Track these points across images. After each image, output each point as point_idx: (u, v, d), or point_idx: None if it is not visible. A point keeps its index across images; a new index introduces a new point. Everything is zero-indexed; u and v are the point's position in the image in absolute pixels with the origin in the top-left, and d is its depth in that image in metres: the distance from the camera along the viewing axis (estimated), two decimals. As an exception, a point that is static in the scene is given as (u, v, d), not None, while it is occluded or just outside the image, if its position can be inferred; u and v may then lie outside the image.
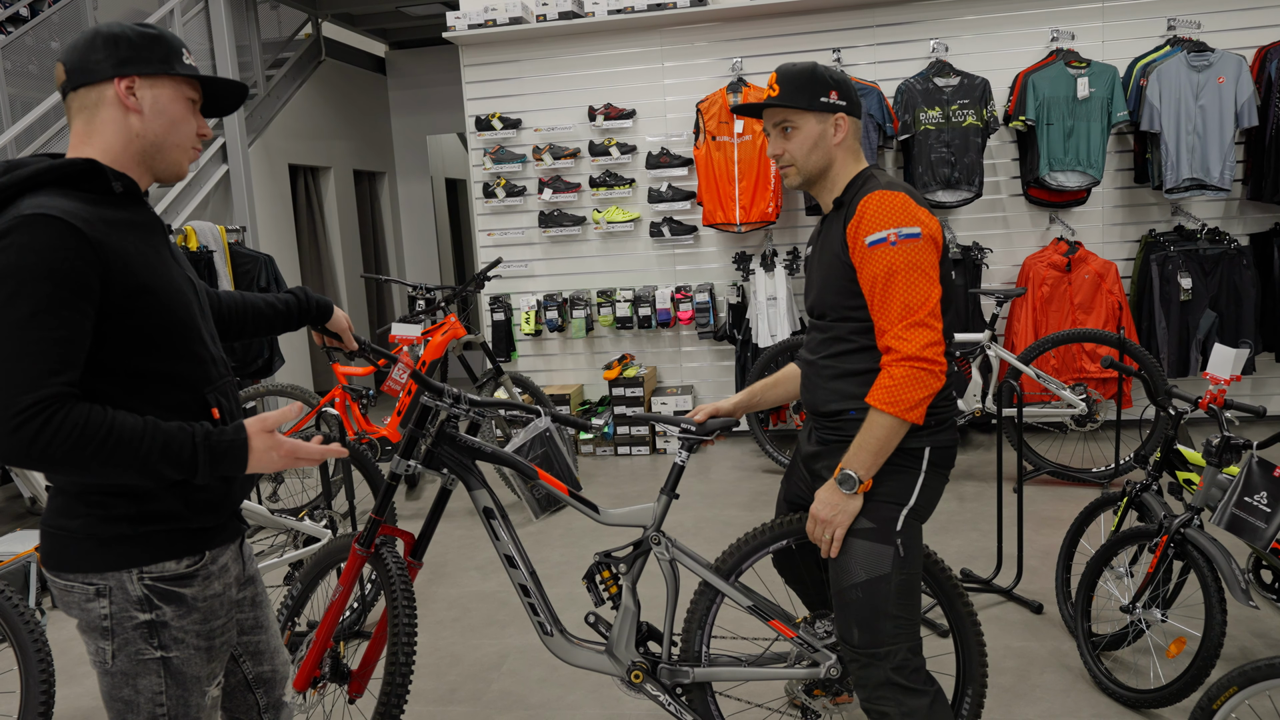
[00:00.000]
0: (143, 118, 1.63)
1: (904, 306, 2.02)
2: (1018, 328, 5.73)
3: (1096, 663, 3.01)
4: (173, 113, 1.66)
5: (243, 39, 7.46)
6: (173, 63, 1.66)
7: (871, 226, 2.04)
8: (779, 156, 2.19)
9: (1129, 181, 5.87)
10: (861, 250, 2.05)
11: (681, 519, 4.87)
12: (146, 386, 1.61)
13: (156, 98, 1.64)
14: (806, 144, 2.15)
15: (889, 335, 2.04)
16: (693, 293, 6.26)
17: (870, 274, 2.05)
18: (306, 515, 3.54)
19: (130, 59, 1.62)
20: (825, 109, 2.12)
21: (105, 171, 1.58)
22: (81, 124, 1.63)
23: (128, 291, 1.55)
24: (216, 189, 6.95)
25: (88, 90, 1.62)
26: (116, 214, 1.59)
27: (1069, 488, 4.94)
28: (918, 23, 5.94)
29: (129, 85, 1.62)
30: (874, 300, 2.06)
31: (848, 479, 2.06)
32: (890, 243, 2.02)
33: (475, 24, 6.22)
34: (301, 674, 2.52)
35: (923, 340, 2.01)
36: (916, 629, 2.12)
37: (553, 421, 2.66)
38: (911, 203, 2.07)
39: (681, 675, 2.45)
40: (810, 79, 2.13)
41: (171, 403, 1.64)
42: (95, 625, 1.64)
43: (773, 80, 2.17)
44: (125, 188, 1.61)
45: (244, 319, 2.13)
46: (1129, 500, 3.10)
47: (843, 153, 2.17)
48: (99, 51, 1.61)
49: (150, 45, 1.64)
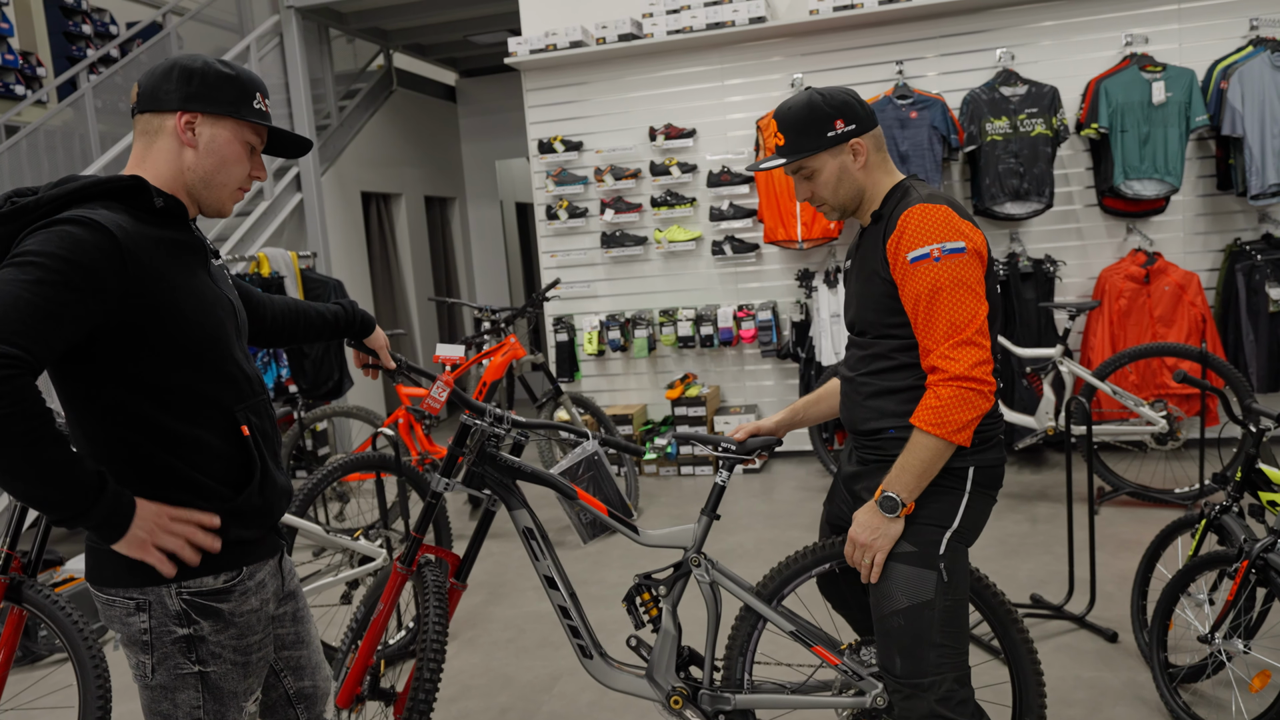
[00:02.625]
0: (196, 153, 1.68)
1: (950, 325, 1.93)
2: (1094, 342, 5.51)
3: (1174, 696, 2.84)
4: (226, 153, 1.70)
5: (316, 72, 7.71)
6: (240, 106, 1.69)
7: (914, 242, 1.96)
8: (809, 200, 2.13)
9: (1211, 189, 5.60)
10: (904, 266, 1.97)
11: (742, 540, 4.79)
12: (176, 402, 1.64)
13: (214, 136, 1.68)
14: (831, 182, 2.08)
15: (935, 355, 1.95)
16: (755, 311, 6.19)
17: (914, 291, 1.96)
18: (362, 535, 3.58)
19: (198, 95, 1.66)
20: (836, 141, 2.05)
21: (149, 189, 1.62)
22: (141, 146, 1.69)
23: (155, 306, 1.58)
24: (291, 217, 7.17)
25: (153, 116, 1.67)
26: (159, 232, 1.63)
27: (1150, 509, 4.71)
28: (984, 32, 5.80)
29: (189, 120, 1.66)
30: (918, 318, 1.98)
31: (889, 501, 1.98)
32: (934, 258, 1.94)
33: (536, 49, 6.30)
34: (344, 691, 2.53)
35: (971, 359, 1.92)
36: (963, 658, 2.03)
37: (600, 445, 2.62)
38: (954, 215, 1.98)
39: (723, 702, 2.38)
40: (810, 117, 2.04)
41: (201, 419, 1.67)
42: (136, 639, 1.67)
43: (774, 129, 2.10)
44: (168, 205, 1.65)
45: (295, 325, 2.19)
46: (1207, 523, 2.93)
47: (870, 171, 2.09)
48: (172, 82, 1.66)
49: (222, 85, 1.68)
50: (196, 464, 1.65)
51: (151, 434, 1.62)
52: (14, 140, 6.91)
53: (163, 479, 1.63)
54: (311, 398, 6.07)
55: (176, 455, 1.63)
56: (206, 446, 1.67)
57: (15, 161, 6.92)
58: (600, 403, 6.59)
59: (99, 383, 1.59)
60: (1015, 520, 4.73)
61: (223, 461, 1.69)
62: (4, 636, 2.74)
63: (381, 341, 2.38)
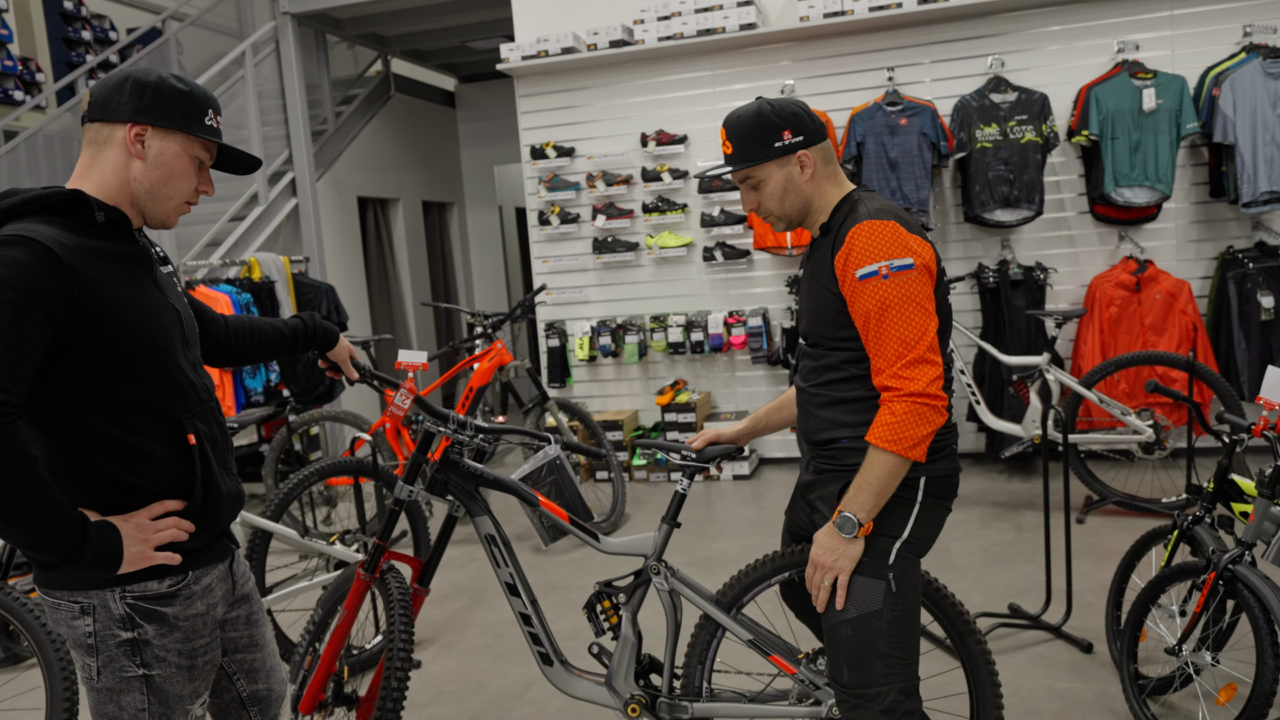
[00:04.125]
0: (144, 165, 1.68)
1: (901, 342, 1.92)
2: (1085, 350, 5.49)
3: (1142, 708, 2.82)
4: (173, 167, 1.71)
5: (313, 78, 7.74)
6: (190, 121, 1.70)
7: (862, 259, 1.94)
8: (755, 210, 2.12)
9: (1204, 196, 5.58)
10: (852, 284, 1.95)
11: (725, 547, 4.78)
12: (121, 412, 1.64)
13: (163, 150, 1.69)
14: (777, 193, 2.07)
15: (887, 374, 1.94)
16: (746, 317, 6.18)
17: (863, 309, 1.95)
18: (338, 540, 3.59)
19: (149, 109, 1.66)
20: (784, 152, 2.04)
21: (90, 202, 1.62)
22: (88, 156, 1.69)
23: (98, 318, 1.59)
24: (286, 222, 7.19)
25: (103, 126, 1.68)
26: (99, 244, 1.63)
27: (1137, 519, 4.68)
28: (975, 39, 5.79)
29: (139, 133, 1.67)
30: (868, 336, 1.96)
31: (847, 522, 1.96)
32: (882, 276, 1.92)
33: (529, 55, 6.32)
34: (307, 698, 2.54)
35: (926, 377, 1.91)
36: (912, 669, 2.02)
37: (562, 449, 2.63)
38: (903, 231, 1.97)
39: (680, 710, 2.38)
40: (758, 127, 2.03)
41: (146, 428, 1.67)
42: (81, 642, 1.69)
43: (724, 136, 2.09)
44: (109, 219, 1.65)
45: (250, 343, 2.18)
46: (1179, 533, 2.91)
47: (818, 184, 2.08)
48: (125, 94, 1.66)
49: (175, 99, 1.68)
50: (141, 472, 1.66)
51: (96, 444, 1.63)
52: (12, 145, 6.96)
53: (109, 488, 1.64)
54: (303, 402, 6.09)
55: (121, 465, 1.65)
56: (152, 456, 1.68)
57: (14, 166, 6.98)
58: (592, 408, 6.59)
59: (43, 395, 1.59)
60: (1000, 529, 4.71)
61: (169, 470, 1.70)
62: (-27, 639, 2.75)
63: (344, 354, 2.37)
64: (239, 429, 3.28)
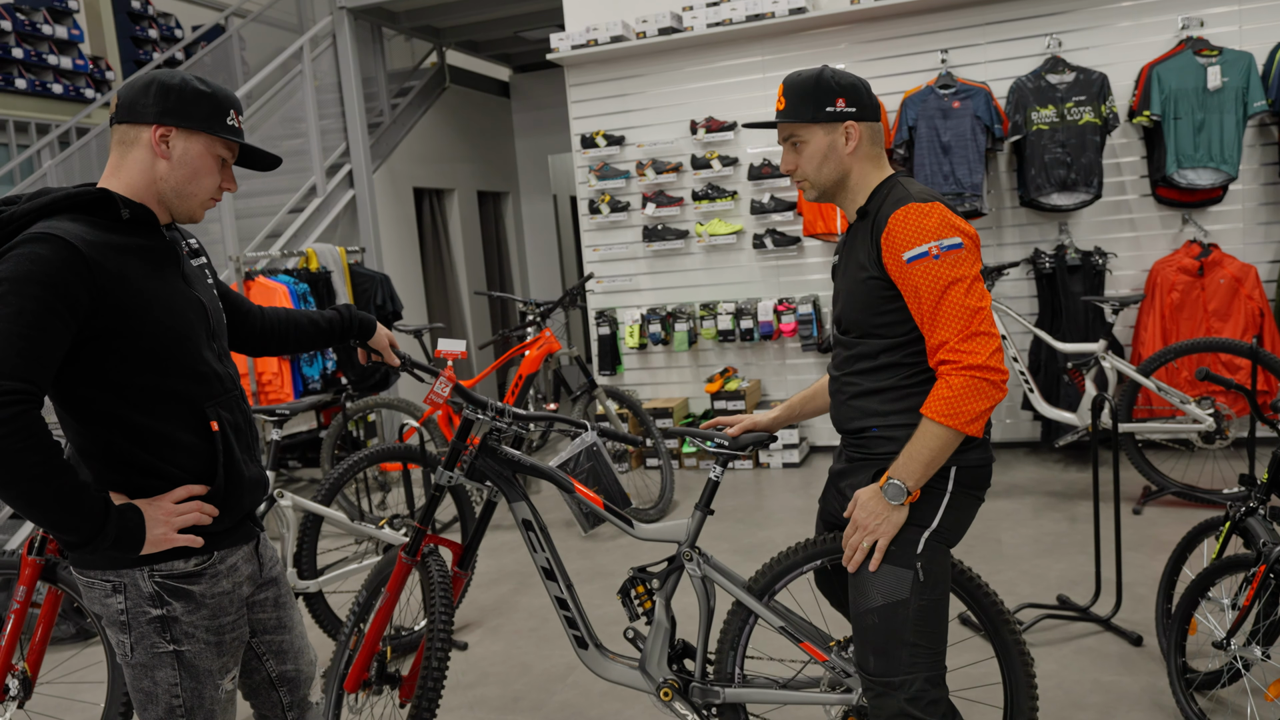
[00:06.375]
0: (169, 165, 1.75)
1: (957, 318, 1.91)
2: (1145, 337, 5.35)
3: (1189, 702, 2.76)
4: (197, 166, 1.78)
5: (369, 70, 7.88)
6: (213, 122, 1.77)
7: (910, 241, 1.94)
8: (791, 173, 2.12)
9: (1273, 177, 5.38)
10: (900, 267, 1.95)
11: (772, 535, 4.78)
12: (147, 400, 1.72)
13: (186, 149, 1.76)
14: (816, 157, 2.07)
15: (947, 348, 1.92)
16: (796, 304, 6.15)
17: (915, 289, 1.94)
18: (386, 524, 3.68)
19: (173, 110, 1.74)
20: (832, 118, 2.04)
21: (115, 200, 1.70)
22: (117, 156, 1.77)
23: (123, 310, 1.66)
24: (344, 213, 7.35)
25: (129, 127, 1.75)
26: (124, 239, 1.71)
27: (1196, 510, 4.56)
28: (1032, 18, 5.66)
29: (164, 134, 1.74)
30: (923, 316, 1.95)
31: (894, 488, 1.96)
32: (933, 256, 1.92)
33: (578, 44, 6.35)
34: (351, 676, 2.62)
35: (986, 349, 1.90)
36: (939, 659, 2.01)
37: (600, 436, 2.67)
38: (948, 212, 1.97)
39: (713, 695, 2.40)
40: (815, 88, 2.04)
41: (171, 415, 1.75)
42: (114, 620, 1.77)
43: (780, 92, 2.11)
44: (135, 215, 1.73)
45: (285, 334, 2.25)
46: (1231, 525, 2.84)
47: (859, 161, 2.08)
48: (150, 96, 1.73)
49: (198, 101, 1.75)
50: (166, 457, 1.74)
51: (124, 430, 1.71)
52: (84, 141, 7.24)
53: (136, 472, 1.72)
54: (359, 389, 6.23)
55: (147, 450, 1.72)
56: (177, 442, 1.75)
57: (86, 161, 7.25)
58: (642, 396, 6.63)
59: (74, 384, 1.68)
60: (1053, 519, 4.63)
61: (193, 456, 1.77)
62: (41, 615, 2.89)
63: (384, 342, 2.43)
64: (290, 415, 3.38)
